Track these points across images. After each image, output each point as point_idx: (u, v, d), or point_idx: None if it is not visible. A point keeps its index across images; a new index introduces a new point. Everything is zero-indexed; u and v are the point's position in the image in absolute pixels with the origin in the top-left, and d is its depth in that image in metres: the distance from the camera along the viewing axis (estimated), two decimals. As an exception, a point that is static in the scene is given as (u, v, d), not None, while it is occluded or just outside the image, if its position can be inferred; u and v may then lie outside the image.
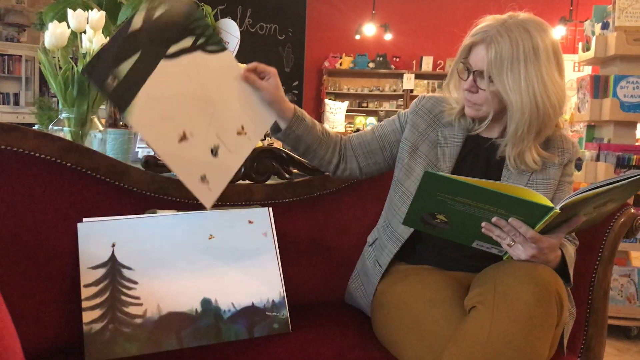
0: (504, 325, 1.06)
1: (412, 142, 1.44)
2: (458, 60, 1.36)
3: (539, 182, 1.35)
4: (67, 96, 1.58)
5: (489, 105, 1.32)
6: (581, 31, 5.79)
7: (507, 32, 1.25)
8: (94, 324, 1.21)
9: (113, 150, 1.92)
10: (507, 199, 1.08)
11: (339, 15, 9.03)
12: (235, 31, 2.17)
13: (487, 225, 1.15)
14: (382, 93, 9.30)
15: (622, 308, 2.86)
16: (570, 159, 1.40)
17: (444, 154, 1.41)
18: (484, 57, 1.28)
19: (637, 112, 2.85)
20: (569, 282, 1.26)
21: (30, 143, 1.28)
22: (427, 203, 1.16)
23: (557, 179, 1.37)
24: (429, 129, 1.44)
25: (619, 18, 2.86)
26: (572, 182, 1.43)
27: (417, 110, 1.47)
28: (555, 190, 1.37)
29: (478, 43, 1.30)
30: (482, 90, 1.31)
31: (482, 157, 1.41)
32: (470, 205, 1.12)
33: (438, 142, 1.42)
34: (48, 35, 1.52)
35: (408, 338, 1.23)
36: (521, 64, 1.24)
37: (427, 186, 1.12)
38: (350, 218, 1.68)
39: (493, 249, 1.24)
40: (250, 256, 1.38)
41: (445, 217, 1.18)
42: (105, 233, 1.28)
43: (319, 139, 1.43)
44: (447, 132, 1.43)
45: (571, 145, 1.41)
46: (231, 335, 1.30)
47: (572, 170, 1.43)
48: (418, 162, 1.42)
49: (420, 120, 1.45)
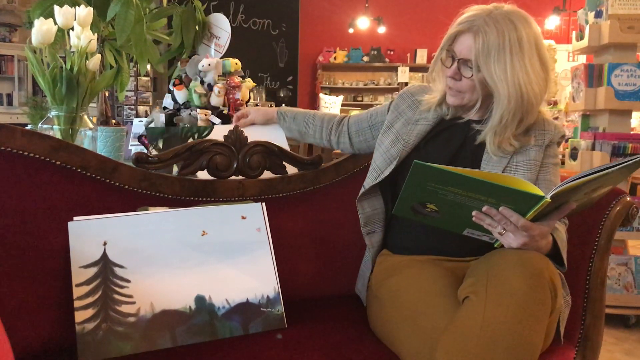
0: (497, 315, 1.05)
1: (389, 120, 1.53)
2: (443, 48, 1.38)
3: (519, 164, 1.35)
4: (56, 94, 1.56)
5: (472, 92, 1.35)
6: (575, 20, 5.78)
7: (493, 22, 1.28)
8: (87, 324, 1.20)
9: (105, 148, 1.90)
10: (497, 188, 1.07)
11: (332, 9, 9.00)
12: (225, 25, 2.15)
13: (478, 214, 1.15)
14: (377, 87, 9.28)
15: (620, 297, 2.86)
16: (552, 139, 1.39)
17: (414, 130, 1.46)
18: (470, 46, 1.30)
19: (631, 100, 2.84)
20: (563, 266, 1.25)
21: (19, 142, 1.26)
22: (417, 193, 1.15)
23: (539, 160, 1.37)
24: (408, 109, 1.51)
25: (612, 6, 2.85)
26: (558, 163, 1.42)
27: (402, 93, 1.56)
28: (539, 172, 1.36)
29: (464, 32, 1.32)
30: (466, 78, 1.33)
31: (456, 138, 1.42)
32: (460, 195, 1.11)
33: (412, 120, 1.48)
34: (34, 33, 1.50)
35: (403, 331, 1.22)
36: (507, 54, 1.27)
37: (416, 176, 1.11)
38: (344, 212, 1.66)
39: (484, 237, 1.23)
40: (244, 252, 1.37)
41: (435, 207, 1.17)
42: (96, 231, 1.27)
43: (305, 124, 1.72)
44: (422, 112, 1.48)
45: (553, 127, 1.40)
46: (226, 332, 1.29)
47: (556, 151, 1.42)
48: (388, 137, 1.50)
49: (402, 101, 1.54)
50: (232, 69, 2.06)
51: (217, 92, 1.96)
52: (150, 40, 2.12)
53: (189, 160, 1.51)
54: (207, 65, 1.98)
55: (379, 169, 1.47)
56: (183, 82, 2.06)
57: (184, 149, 1.50)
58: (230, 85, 2.01)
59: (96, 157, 1.37)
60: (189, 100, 2.03)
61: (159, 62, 2.22)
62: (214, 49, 2.19)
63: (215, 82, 1.99)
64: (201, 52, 2.26)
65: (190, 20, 2.18)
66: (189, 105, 2.03)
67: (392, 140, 1.47)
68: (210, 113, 1.95)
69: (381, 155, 1.48)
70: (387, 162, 1.45)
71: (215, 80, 2.00)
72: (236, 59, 2.10)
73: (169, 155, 1.49)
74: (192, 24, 2.19)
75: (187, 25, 2.17)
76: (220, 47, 2.17)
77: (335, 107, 6.20)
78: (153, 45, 2.15)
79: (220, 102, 1.98)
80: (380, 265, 1.45)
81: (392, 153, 1.45)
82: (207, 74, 2.00)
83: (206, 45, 2.24)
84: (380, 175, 1.45)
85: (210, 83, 2.00)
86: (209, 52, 2.19)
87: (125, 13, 1.90)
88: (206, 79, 2.01)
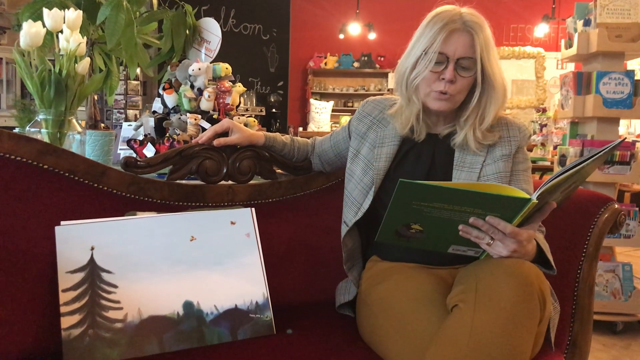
0: (486, 324, 1.05)
1: (354, 148, 1.50)
2: (431, 52, 1.30)
3: (490, 177, 1.36)
4: (44, 97, 1.55)
5: (464, 93, 1.35)
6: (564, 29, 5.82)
7: (477, 19, 1.31)
8: (73, 330, 1.18)
9: (93, 152, 1.89)
10: (484, 197, 1.07)
11: (323, 15, 9.01)
12: (216, 30, 2.15)
13: (465, 227, 1.14)
14: (367, 92, 9.29)
15: (608, 303, 2.87)
16: (519, 145, 1.40)
17: (381, 153, 1.43)
18: (469, 43, 1.30)
19: (619, 108, 2.86)
20: (552, 268, 1.25)
21: (5, 145, 1.24)
22: (402, 214, 1.14)
23: (509, 170, 1.37)
24: (369, 131, 1.48)
25: (601, 15, 2.88)
26: (529, 167, 1.43)
27: (358, 115, 1.52)
28: (510, 181, 1.37)
29: (458, 30, 1.30)
30: (463, 78, 1.32)
31: (425, 154, 1.41)
32: (446, 210, 1.10)
33: (376, 142, 1.44)
34: (23, 35, 1.49)
35: (392, 338, 1.22)
36: (493, 49, 1.33)
37: (401, 196, 1.09)
38: (334, 217, 1.66)
39: (469, 251, 1.23)
40: (233, 257, 1.36)
41: (420, 226, 1.16)
42: (83, 236, 1.25)
43: (288, 152, 1.64)
44: (385, 132, 1.45)
45: (517, 130, 1.41)
46: (214, 338, 1.28)
47: (525, 156, 1.43)
48: (358, 165, 1.47)
49: (361, 124, 1.50)
50: (223, 73, 2.05)
51: (207, 97, 1.96)
52: (140, 44, 2.11)
53: (178, 164, 1.50)
54: (197, 69, 1.98)
55: (357, 202, 1.44)
56: (173, 86, 2.05)
57: (174, 154, 1.49)
58: (221, 89, 2.00)
59: (84, 161, 1.36)
60: (179, 105, 2.02)
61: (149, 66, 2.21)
62: (205, 54, 2.18)
63: (205, 87, 1.98)
64: (191, 56, 2.25)
65: (181, 24, 2.17)
66: (179, 110, 2.02)
67: (363, 168, 1.45)
68: (200, 117, 1.94)
69: (356, 186, 1.46)
70: (364, 193, 1.43)
71: (205, 85, 1.99)
72: (227, 64, 2.09)
73: (158, 159, 1.48)
74: (182, 28, 2.18)
75: (178, 30, 2.16)
76: (210, 52, 2.16)
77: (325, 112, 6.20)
78: (143, 49, 2.13)
79: (210, 106, 1.98)
80: (370, 271, 1.44)
81: (366, 182, 1.44)
82: (197, 78, 1.99)
83: (197, 49, 2.23)
84: (360, 209, 1.43)
85: (200, 87, 1.99)
86: (200, 56, 2.19)
87: (115, 17, 1.89)
88: (196, 84, 2.00)
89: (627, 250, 4.23)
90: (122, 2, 1.91)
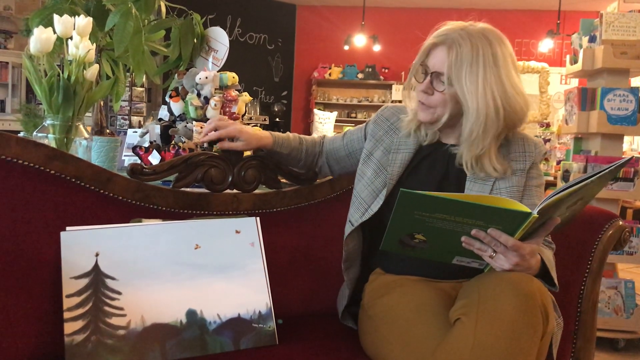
0: (487, 338, 1.04)
1: (368, 149, 1.49)
2: (417, 63, 1.38)
3: (502, 190, 1.35)
4: (52, 102, 1.56)
5: (443, 107, 1.34)
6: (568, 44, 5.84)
7: (468, 36, 1.29)
8: (76, 336, 1.18)
9: (99, 158, 1.90)
10: (484, 209, 1.07)
11: (328, 26, 9.05)
12: (224, 39, 2.16)
13: (467, 239, 1.14)
14: (371, 104, 9.32)
15: (610, 320, 2.86)
16: (534, 161, 1.40)
17: (395, 159, 1.43)
18: (443, 59, 1.31)
19: (623, 124, 2.87)
20: (554, 285, 1.24)
21: (13, 150, 1.25)
22: (404, 223, 1.14)
23: (522, 185, 1.37)
24: (385, 136, 1.48)
25: (606, 31, 2.89)
26: (542, 183, 1.42)
27: (377, 119, 1.52)
28: (523, 196, 1.36)
29: (438, 44, 1.33)
30: (438, 92, 1.33)
31: (439, 164, 1.41)
32: (448, 221, 1.10)
33: (392, 148, 1.45)
34: (33, 41, 1.50)
35: (395, 350, 1.21)
36: (480, 68, 1.27)
37: (403, 206, 1.10)
38: (339, 228, 1.65)
39: (473, 263, 1.23)
40: (236, 266, 1.36)
41: (423, 236, 1.17)
42: (88, 242, 1.25)
43: (296, 156, 1.58)
44: (402, 139, 1.45)
45: (533, 146, 1.41)
46: (216, 347, 1.27)
47: (539, 172, 1.42)
48: (369, 167, 1.46)
49: (378, 128, 1.50)
50: (229, 82, 2.07)
51: (213, 105, 1.97)
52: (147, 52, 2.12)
53: (184, 172, 1.50)
54: (204, 78, 1.99)
55: (365, 203, 1.43)
56: (179, 94, 2.06)
57: (180, 161, 1.49)
58: (227, 98, 2.01)
59: (91, 167, 1.36)
60: (185, 112, 2.03)
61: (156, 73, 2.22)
62: (212, 62, 2.20)
63: (212, 95, 1.99)
64: (199, 64, 2.27)
65: (189, 33, 2.18)
66: (185, 117, 2.03)
67: (375, 170, 1.44)
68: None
69: (366, 187, 1.44)
70: (374, 195, 1.42)
71: (212, 94, 2.00)
72: (233, 73, 2.10)
73: (164, 167, 1.48)
74: (190, 36, 2.19)
75: (186, 38, 2.17)
76: (218, 61, 2.17)
77: (329, 122, 6.21)
78: (150, 57, 2.15)
79: (217, 115, 1.98)
80: (373, 284, 1.44)
81: (377, 185, 1.43)
82: (204, 87, 2.01)
83: (204, 58, 2.24)
84: (368, 211, 1.42)
85: (207, 96, 2.00)
86: (207, 65, 2.20)
87: (124, 24, 1.90)
88: (203, 92, 2.01)
89: (629, 267, 4.22)
90: (131, 10, 1.93)
